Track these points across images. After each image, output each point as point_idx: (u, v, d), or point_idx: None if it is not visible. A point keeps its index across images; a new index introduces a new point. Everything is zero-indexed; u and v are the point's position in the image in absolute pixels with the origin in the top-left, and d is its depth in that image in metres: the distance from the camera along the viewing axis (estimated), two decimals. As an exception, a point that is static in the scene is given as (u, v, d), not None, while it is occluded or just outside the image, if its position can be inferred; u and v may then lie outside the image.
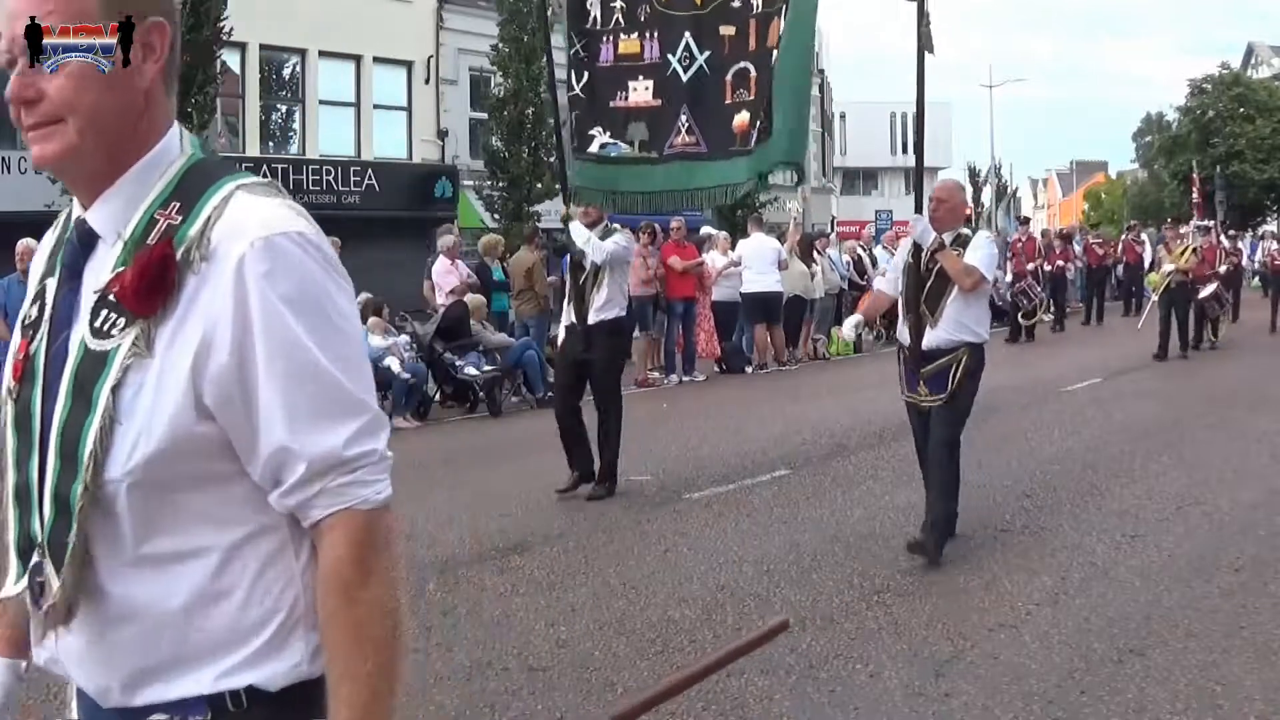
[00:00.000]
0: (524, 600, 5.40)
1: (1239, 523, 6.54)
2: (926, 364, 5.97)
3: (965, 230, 6.15)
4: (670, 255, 14.71)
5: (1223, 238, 21.17)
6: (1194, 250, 15.90)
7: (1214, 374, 14.16)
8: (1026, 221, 24.14)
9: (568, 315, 7.82)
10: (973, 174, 68.18)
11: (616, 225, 7.94)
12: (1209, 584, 5.39)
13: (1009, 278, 20.00)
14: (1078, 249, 23.50)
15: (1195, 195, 24.02)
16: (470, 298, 13.12)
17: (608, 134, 7.36)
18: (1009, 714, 3.95)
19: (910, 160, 61.56)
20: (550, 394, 12.89)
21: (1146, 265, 22.70)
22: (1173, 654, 4.47)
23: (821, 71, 43.51)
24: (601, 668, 4.49)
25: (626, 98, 7.33)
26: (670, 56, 7.17)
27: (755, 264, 15.76)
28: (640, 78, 7.30)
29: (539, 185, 23.98)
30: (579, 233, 7.60)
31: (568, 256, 8.09)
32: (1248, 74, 50.41)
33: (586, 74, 7.42)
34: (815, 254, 17.57)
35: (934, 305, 5.97)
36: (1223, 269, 17.32)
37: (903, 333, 6.19)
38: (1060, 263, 21.17)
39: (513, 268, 14.54)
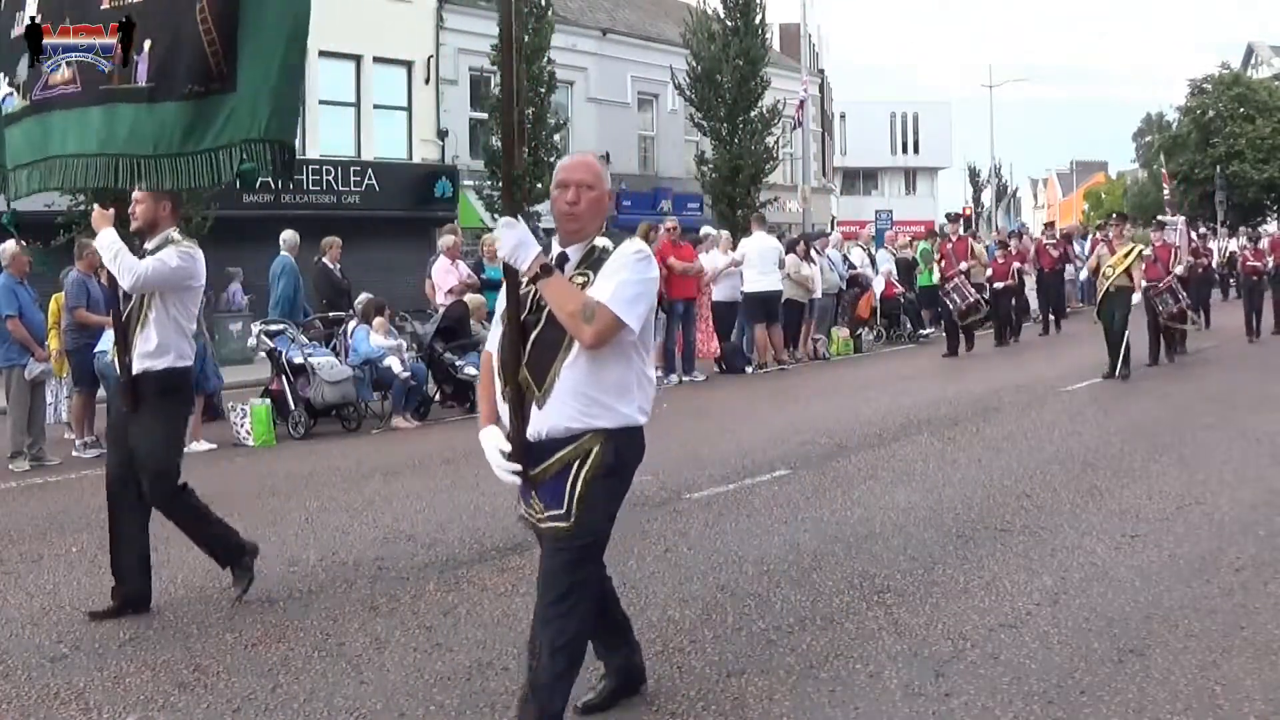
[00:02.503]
0: (524, 600, 5.39)
1: (1239, 523, 6.53)
2: (537, 464, 3.61)
3: (601, 241, 3.69)
4: (668, 255, 14.70)
5: (1192, 235, 19.55)
6: (1139, 253, 13.86)
7: (1214, 374, 14.17)
8: (957, 219, 20.13)
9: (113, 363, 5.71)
10: (973, 174, 68.33)
11: (175, 236, 5.44)
12: (1209, 584, 5.38)
13: (934, 281, 18.50)
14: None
15: (1167, 193, 23.17)
16: (470, 298, 13.12)
17: (6, 79, 5.08)
18: (1009, 714, 3.95)
19: (912, 160, 61.46)
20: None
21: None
22: (1173, 654, 4.47)
23: (821, 71, 43.52)
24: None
25: (21, 20, 4.89)
26: None
27: (757, 263, 15.76)
28: None
29: (539, 185, 24.01)
30: (105, 243, 5.24)
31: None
32: (1248, 74, 50.52)
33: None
34: (814, 254, 17.58)
35: (541, 369, 3.56)
36: (1179, 269, 15.36)
37: (503, 413, 3.72)
38: (1016, 265, 19.59)
39: (513, 268, 14.52)
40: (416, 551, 6.41)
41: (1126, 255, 13.69)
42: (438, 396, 12.77)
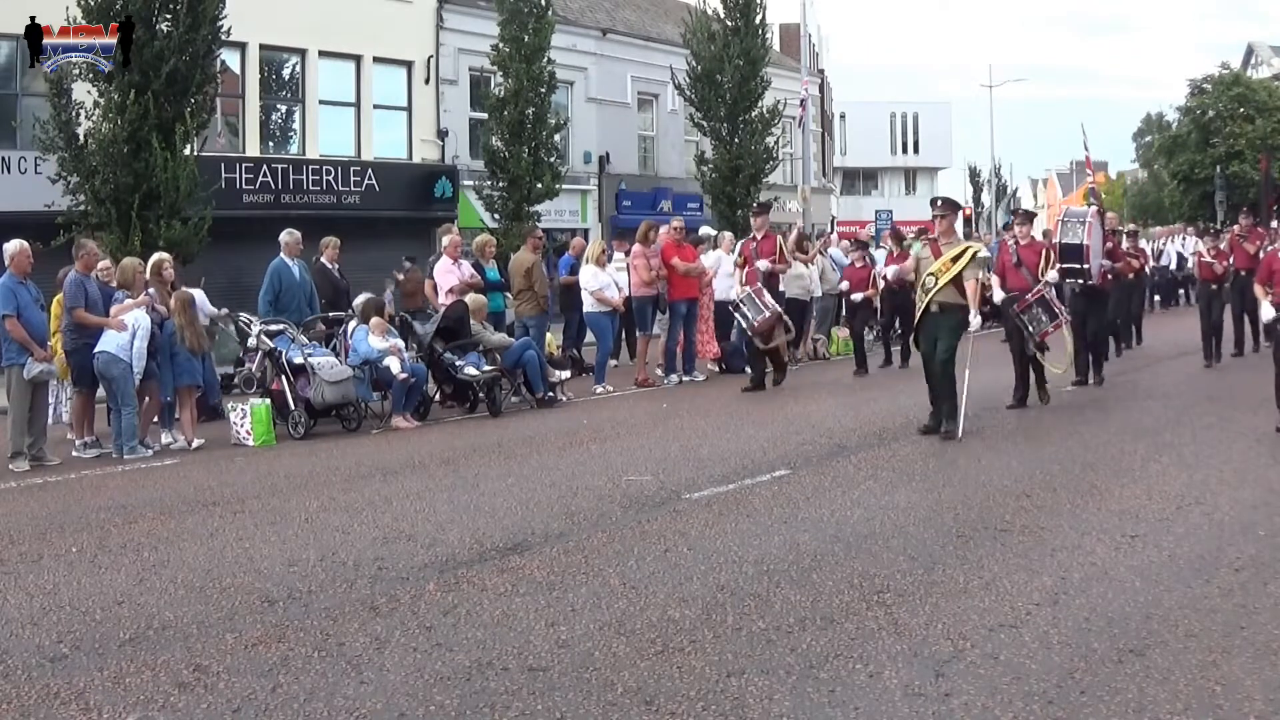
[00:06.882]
0: (524, 600, 5.40)
1: (1239, 523, 6.53)
2: None
3: None
4: (670, 256, 14.69)
5: (1114, 232, 14.84)
6: (973, 256, 9.88)
7: (1215, 374, 14.16)
8: (764, 209, 14.86)
9: None
10: (973, 174, 68.35)
11: None
12: (1209, 584, 5.38)
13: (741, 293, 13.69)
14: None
15: (1091, 179, 21.12)
16: (471, 298, 13.12)
17: None
18: (1009, 714, 3.95)
19: (912, 160, 61.38)
20: (550, 393, 12.92)
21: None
22: (1173, 654, 4.47)
23: (821, 71, 43.52)
24: (601, 668, 4.48)
25: None
26: None
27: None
28: None
29: (539, 185, 24.00)
30: None
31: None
32: (1248, 74, 50.51)
33: None
34: (816, 254, 17.56)
35: None
36: (1051, 276, 11.47)
37: None
38: (895, 268, 14.43)
39: (512, 268, 14.54)
40: (416, 551, 6.41)
41: (955, 260, 9.83)
42: (438, 396, 12.77)
